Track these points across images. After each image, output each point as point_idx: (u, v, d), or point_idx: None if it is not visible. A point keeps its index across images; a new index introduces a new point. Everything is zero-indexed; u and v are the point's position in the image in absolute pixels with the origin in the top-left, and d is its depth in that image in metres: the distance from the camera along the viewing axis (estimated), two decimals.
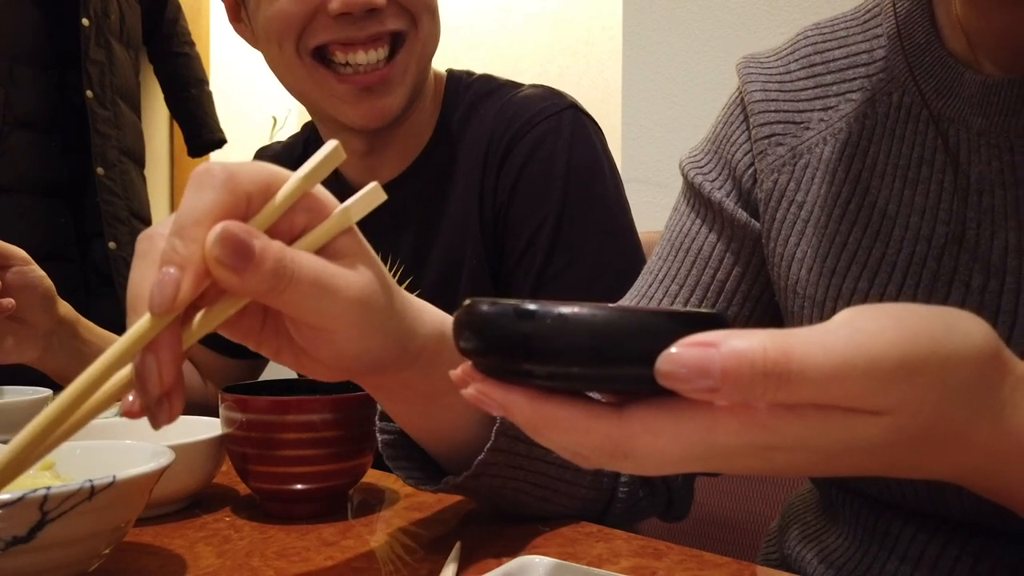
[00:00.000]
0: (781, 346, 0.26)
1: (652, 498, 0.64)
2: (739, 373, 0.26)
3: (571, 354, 0.28)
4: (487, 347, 0.30)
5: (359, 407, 0.59)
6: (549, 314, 0.28)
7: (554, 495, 0.57)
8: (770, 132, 0.59)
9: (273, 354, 0.43)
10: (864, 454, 0.30)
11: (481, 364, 0.31)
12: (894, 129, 0.54)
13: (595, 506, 0.61)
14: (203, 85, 2.24)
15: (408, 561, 0.51)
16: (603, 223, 0.82)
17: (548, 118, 0.83)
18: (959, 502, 0.51)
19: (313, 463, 0.58)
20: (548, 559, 0.43)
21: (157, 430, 0.36)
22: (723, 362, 0.26)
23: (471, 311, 0.30)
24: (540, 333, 0.28)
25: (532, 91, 0.88)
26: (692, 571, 0.48)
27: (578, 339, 0.28)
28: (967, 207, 0.50)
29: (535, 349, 0.28)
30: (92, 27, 1.81)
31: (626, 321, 0.28)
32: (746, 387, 0.26)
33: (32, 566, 0.41)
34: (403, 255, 0.87)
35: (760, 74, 0.61)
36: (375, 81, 0.79)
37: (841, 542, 0.59)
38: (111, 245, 1.84)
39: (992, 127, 0.49)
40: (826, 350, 0.26)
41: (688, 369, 0.26)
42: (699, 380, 0.26)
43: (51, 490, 0.40)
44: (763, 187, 0.60)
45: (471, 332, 0.30)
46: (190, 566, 0.50)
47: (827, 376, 0.26)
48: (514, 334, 0.29)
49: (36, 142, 1.77)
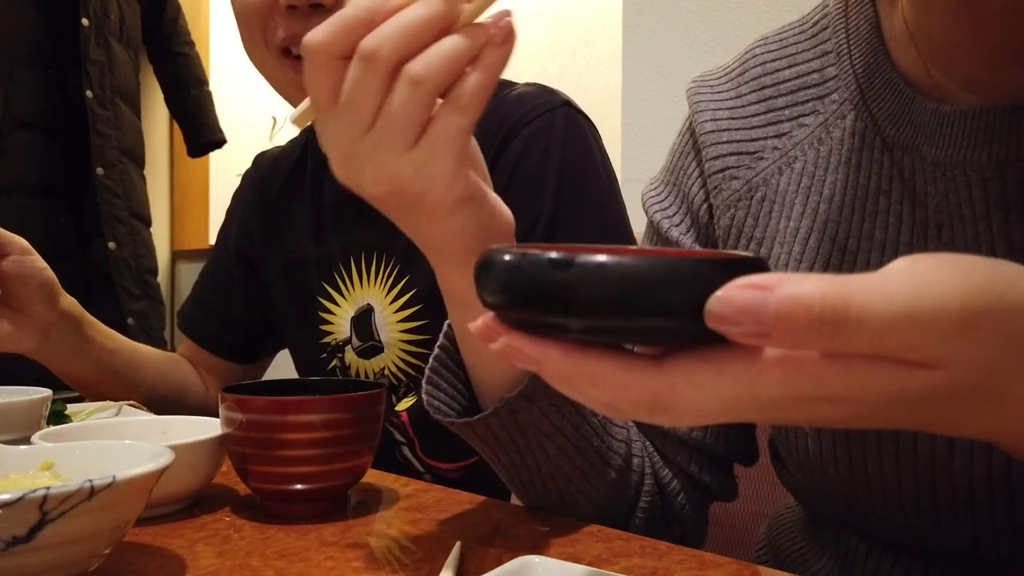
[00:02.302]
0: (841, 292, 0.25)
1: (667, 524, 0.63)
2: (794, 318, 0.25)
3: (611, 306, 0.26)
4: (517, 300, 0.28)
5: (359, 407, 0.59)
6: (588, 263, 0.26)
7: (587, 469, 0.55)
8: (723, 166, 0.57)
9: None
10: (907, 408, 0.28)
11: (509, 317, 0.29)
12: (850, 156, 0.51)
13: (619, 503, 0.60)
14: (203, 85, 2.24)
15: (408, 561, 0.51)
16: (597, 220, 0.82)
17: (541, 115, 0.83)
18: (937, 536, 0.49)
19: (313, 463, 0.58)
20: (548, 559, 0.43)
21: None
22: (777, 306, 0.25)
23: (495, 261, 0.28)
24: (578, 283, 0.26)
25: (526, 89, 0.88)
26: (692, 571, 0.48)
27: (619, 290, 0.25)
28: (927, 241, 0.48)
29: (572, 301, 0.26)
30: (92, 27, 1.81)
31: (671, 268, 0.26)
32: (800, 333, 0.25)
33: (32, 566, 0.41)
34: (397, 253, 0.87)
35: (710, 101, 0.58)
36: None
37: (824, 563, 0.58)
38: (111, 245, 1.84)
39: (946, 158, 0.46)
40: (889, 298, 0.25)
41: (741, 312, 0.25)
42: (751, 324, 0.25)
43: (51, 490, 0.39)
44: (720, 223, 0.58)
45: (498, 284, 0.28)
46: (190, 566, 0.50)
47: (888, 325, 0.25)
48: (549, 286, 0.26)
49: (36, 142, 1.77)
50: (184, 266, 2.80)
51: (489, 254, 0.29)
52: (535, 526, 0.57)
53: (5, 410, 0.73)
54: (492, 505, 0.62)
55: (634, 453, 0.61)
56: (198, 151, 2.27)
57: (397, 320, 0.87)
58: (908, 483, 0.48)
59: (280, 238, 0.99)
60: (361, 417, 0.59)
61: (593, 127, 0.87)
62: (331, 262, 0.93)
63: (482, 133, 0.85)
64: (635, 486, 0.61)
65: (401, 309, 0.86)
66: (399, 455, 0.90)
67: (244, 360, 1.06)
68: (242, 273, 1.03)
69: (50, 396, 0.78)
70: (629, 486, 0.61)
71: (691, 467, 0.62)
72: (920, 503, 0.49)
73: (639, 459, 0.62)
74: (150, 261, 1.97)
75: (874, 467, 0.49)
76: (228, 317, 1.04)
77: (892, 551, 0.53)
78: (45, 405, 0.77)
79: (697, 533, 0.67)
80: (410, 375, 0.88)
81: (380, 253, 0.89)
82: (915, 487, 0.48)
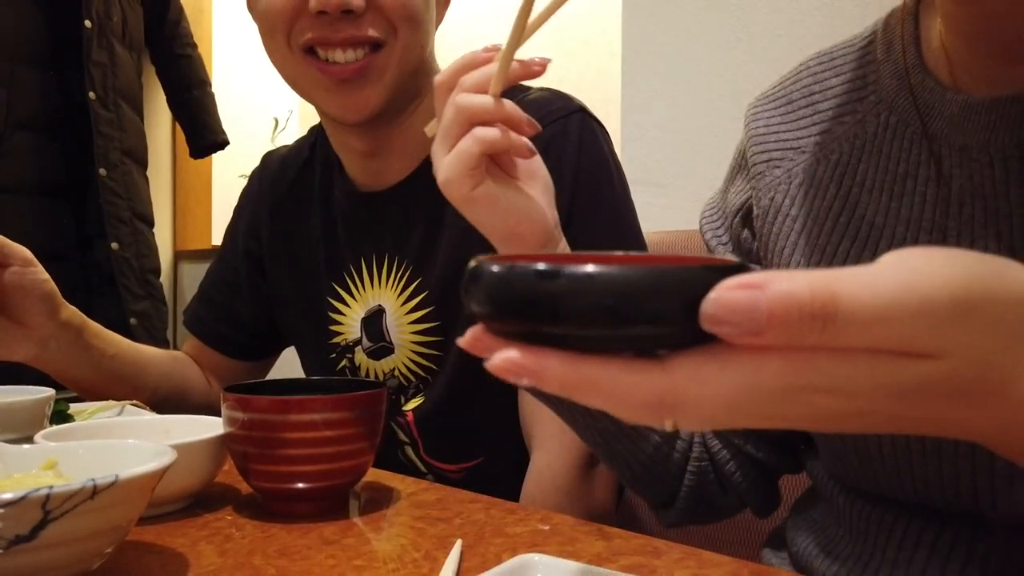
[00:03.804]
0: (830, 287, 0.26)
1: (723, 490, 0.68)
2: (787, 314, 0.25)
3: (601, 315, 0.26)
4: (507, 311, 0.28)
5: (360, 406, 0.59)
6: (576, 274, 0.26)
7: (630, 430, 0.62)
8: (768, 157, 0.64)
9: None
10: (905, 403, 0.29)
11: (498, 328, 0.29)
12: (881, 147, 0.57)
13: (667, 465, 0.66)
14: (205, 87, 2.24)
15: (408, 560, 0.51)
16: (610, 226, 0.83)
17: (556, 121, 0.83)
18: (940, 491, 0.52)
19: (314, 462, 0.58)
20: (548, 558, 0.44)
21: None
22: (769, 304, 0.25)
23: (483, 273, 0.28)
24: (567, 294, 0.26)
25: (540, 94, 0.88)
26: (691, 570, 0.48)
27: (608, 299, 0.26)
28: (948, 217, 0.53)
29: (562, 312, 0.26)
30: (94, 28, 1.82)
31: (658, 276, 0.26)
32: (793, 329, 0.26)
33: (34, 565, 0.41)
34: (409, 256, 0.88)
35: (764, 109, 0.66)
36: (351, 74, 0.80)
37: (843, 533, 0.60)
38: (113, 246, 1.84)
39: (973, 143, 0.52)
40: (874, 292, 0.26)
41: (735, 312, 0.26)
42: (746, 323, 0.25)
43: (53, 489, 0.40)
44: (760, 205, 0.63)
45: (487, 295, 0.28)
46: (192, 565, 0.50)
47: (874, 318, 0.26)
48: (538, 297, 0.26)
49: (38, 143, 1.78)
50: (187, 267, 2.80)
51: (477, 265, 0.29)
52: (535, 525, 0.57)
53: (8, 409, 0.73)
54: (492, 504, 0.62)
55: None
56: (200, 152, 2.27)
57: (409, 322, 0.87)
58: (916, 440, 0.51)
59: (289, 238, 0.99)
60: (363, 416, 0.60)
61: (606, 132, 0.87)
62: (341, 263, 0.93)
63: None
64: (682, 451, 0.67)
65: (413, 311, 0.87)
66: (402, 455, 0.91)
67: (249, 359, 1.07)
68: (249, 272, 1.03)
69: (53, 396, 0.78)
70: (675, 450, 0.67)
71: (735, 439, 0.68)
72: (925, 455, 0.51)
73: (687, 432, 0.67)
74: (153, 261, 1.97)
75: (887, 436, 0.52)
76: (234, 316, 1.05)
77: (906, 513, 0.55)
78: (48, 405, 0.77)
79: (758, 504, 0.70)
80: (420, 376, 0.88)
81: (392, 255, 0.89)
82: (923, 446, 0.51)
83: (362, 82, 0.81)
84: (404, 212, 0.89)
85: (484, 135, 0.53)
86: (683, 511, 0.69)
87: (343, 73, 0.80)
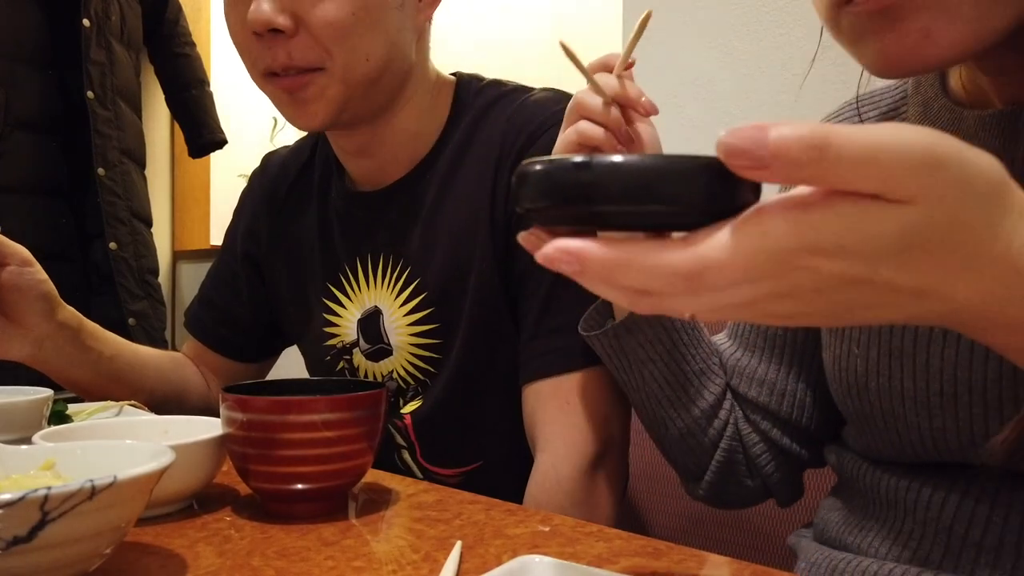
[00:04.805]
0: (823, 128, 0.30)
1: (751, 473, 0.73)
2: (788, 147, 0.30)
3: (629, 195, 0.32)
4: (552, 199, 0.33)
5: (360, 407, 0.59)
6: (604, 162, 0.32)
7: (675, 399, 0.71)
8: None
9: None
10: (895, 264, 0.32)
11: (547, 217, 0.35)
12: None
13: (700, 439, 0.72)
14: (204, 86, 2.24)
15: (408, 561, 0.51)
16: None
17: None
18: (958, 440, 0.56)
19: (314, 463, 0.58)
20: (548, 559, 0.44)
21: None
22: (773, 136, 0.30)
23: (528, 172, 0.34)
24: (598, 181, 0.32)
25: (544, 95, 0.88)
26: (692, 571, 0.48)
27: (633, 181, 0.32)
28: None
29: (595, 196, 0.32)
30: (93, 28, 1.82)
31: (675, 161, 0.32)
32: (793, 162, 0.30)
33: (33, 566, 0.41)
34: (407, 256, 0.87)
35: None
36: (291, 86, 0.80)
37: (871, 508, 0.63)
38: (112, 245, 1.84)
39: (990, 150, 0.56)
40: (863, 134, 0.30)
41: (745, 140, 0.30)
42: (754, 150, 0.30)
43: (52, 490, 0.40)
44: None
45: (535, 190, 0.33)
46: (191, 566, 0.50)
47: (861, 155, 0.30)
48: (576, 185, 0.32)
49: (37, 142, 1.78)
50: (185, 266, 2.80)
51: (523, 167, 0.34)
52: (535, 526, 0.57)
53: (6, 410, 0.73)
54: (492, 505, 0.62)
55: (723, 407, 0.73)
56: (199, 151, 2.27)
57: (407, 323, 0.87)
58: (935, 386, 0.56)
59: (287, 239, 0.99)
60: (362, 417, 0.59)
61: None
62: (337, 264, 0.93)
63: (500, 139, 0.85)
64: (717, 429, 0.72)
65: (412, 312, 0.86)
66: (398, 459, 0.90)
67: (249, 360, 1.07)
68: (248, 273, 1.03)
69: (51, 396, 0.78)
70: (712, 427, 0.72)
71: (772, 431, 0.73)
72: (943, 405, 0.56)
73: (726, 411, 0.73)
74: (151, 261, 1.97)
75: (908, 378, 0.57)
76: (233, 317, 1.05)
77: (931, 476, 0.58)
78: (46, 405, 0.77)
79: (784, 493, 0.75)
80: (418, 379, 0.88)
81: (388, 255, 0.89)
82: (940, 390, 0.56)
83: (305, 96, 0.80)
84: (402, 211, 0.88)
85: (583, 128, 0.64)
86: (709, 485, 0.74)
87: (285, 84, 0.80)
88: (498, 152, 0.84)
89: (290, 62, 0.79)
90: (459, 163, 0.87)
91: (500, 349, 0.82)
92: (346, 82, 0.80)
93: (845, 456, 0.67)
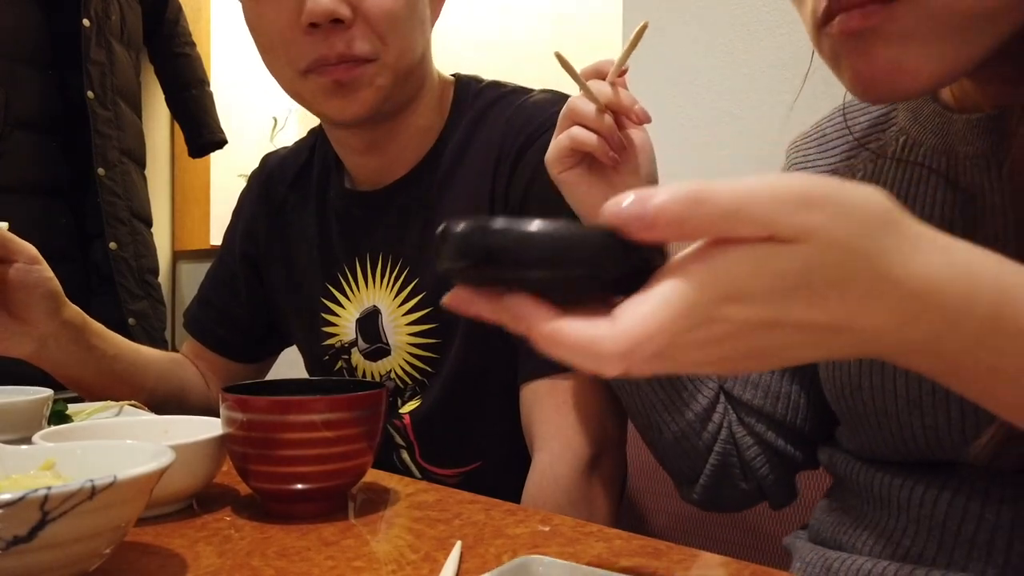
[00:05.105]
0: (699, 185, 0.32)
1: (745, 476, 0.73)
2: (666, 206, 0.32)
3: (534, 262, 0.33)
4: (472, 260, 0.34)
5: (360, 407, 0.59)
6: (514, 230, 0.33)
7: (668, 403, 0.71)
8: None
9: None
10: (804, 304, 0.33)
11: (469, 278, 0.35)
12: (898, 164, 0.64)
13: (694, 443, 0.72)
14: (204, 86, 2.24)
15: (408, 561, 0.51)
16: None
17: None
18: (949, 440, 0.56)
19: (313, 463, 0.58)
20: (548, 559, 0.44)
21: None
22: (655, 201, 0.32)
23: (448, 231, 0.34)
24: (511, 246, 0.33)
25: (543, 96, 0.88)
26: (692, 571, 0.48)
27: (546, 249, 0.33)
28: (955, 210, 0.58)
29: (509, 258, 0.33)
30: (93, 28, 1.82)
31: (571, 234, 0.33)
32: (676, 216, 0.32)
33: (33, 566, 0.41)
34: (406, 255, 0.88)
35: (804, 144, 0.74)
36: (344, 75, 0.80)
37: (866, 508, 0.63)
38: (112, 245, 1.84)
39: (976, 151, 0.58)
40: (736, 183, 0.32)
41: (633, 206, 0.32)
42: (641, 214, 0.32)
43: (52, 490, 0.40)
44: None
45: (455, 251, 0.34)
46: (191, 566, 0.50)
47: (734, 202, 0.32)
48: (490, 248, 0.33)
49: (37, 142, 1.78)
50: (185, 266, 2.80)
51: (444, 226, 0.35)
52: (535, 526, 0.57)
53: (6, 410, 0.73)
54: (492, 505, 0.62)
55: (717, 410, 0.73)
56: (199, 151, 2.27)
57: (406, 323, 0.87)
58: (927, 385, 0.56)
59: (285, 239, 0.99)
60: (362, 417, 0.59)
61: None
62: (335, 264, 0.93)
63: (500, 140, 0.85)
64: (712, 432, 0.72)
65: (411, 311, 0.86)
66: (397, 460, 0.90)
67: (248, 360, 1.07)
68: (247, 274, 1.03)
69: (51, 396, 0.78)
70: (706, 431, 0.72)
71: (767, 433, 0.73)
72: (935, 404, 0.56)
73: (720, 415, 0.73)
74: (151, 261, 1.97)
75: (900, 377, 0.58)
76: (232, 317, 1.05)
77: (924, 473, 0.59)
78: (46, 405, 0.77)
79: (778, 496, 0.74)
80: (416, 378, 0.88)
81: (387, 255, 0.89)
82: (932, 389, 0.56)
83: (356, 85, 0.81)
84: (400, 211, 0.89)
85: (576, 135, 0.66)
86: (704, 489, 0.74)
87: (335, 73, 0.80)
88: (497, 153, 0.84)
89: (348, 51, 0.79)
90: (458, 163, 0.87)
91: (498, 349, 0.82)
92: (396, 71, 0.82)
93: (838, 456, 0.67)
